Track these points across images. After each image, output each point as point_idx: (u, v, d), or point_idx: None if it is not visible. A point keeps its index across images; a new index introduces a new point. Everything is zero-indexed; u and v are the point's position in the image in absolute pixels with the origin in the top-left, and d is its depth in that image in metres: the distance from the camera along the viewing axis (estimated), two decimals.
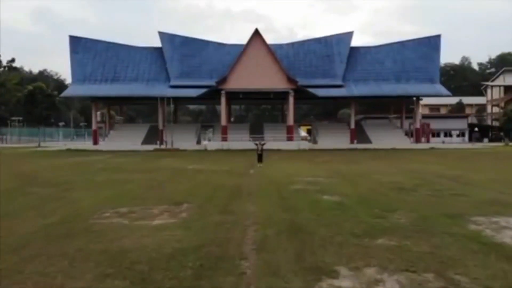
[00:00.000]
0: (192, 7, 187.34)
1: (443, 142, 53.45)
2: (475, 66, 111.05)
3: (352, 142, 44.26)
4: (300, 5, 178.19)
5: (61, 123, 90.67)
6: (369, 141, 45.01)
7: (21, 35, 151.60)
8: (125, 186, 12.85)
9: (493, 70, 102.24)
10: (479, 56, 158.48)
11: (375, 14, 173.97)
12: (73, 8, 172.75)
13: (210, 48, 47.48)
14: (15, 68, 75.41)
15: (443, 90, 45.43)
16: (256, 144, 21.42)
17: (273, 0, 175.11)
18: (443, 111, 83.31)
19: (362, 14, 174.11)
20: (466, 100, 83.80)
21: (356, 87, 44.65)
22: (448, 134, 63.20)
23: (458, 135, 63.29)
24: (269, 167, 19.79)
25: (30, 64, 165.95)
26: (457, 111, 79.24)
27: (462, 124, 65.52)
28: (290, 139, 42.89)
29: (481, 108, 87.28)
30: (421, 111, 61.76)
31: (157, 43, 47.56)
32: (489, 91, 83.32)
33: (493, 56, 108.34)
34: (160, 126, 45.27)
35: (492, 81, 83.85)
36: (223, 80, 42.08)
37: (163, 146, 41.98)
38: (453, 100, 78.43)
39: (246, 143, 32.94)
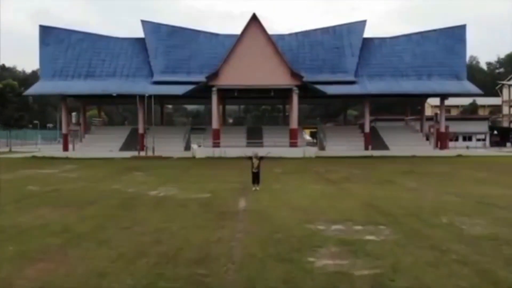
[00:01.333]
0: (192, 9, 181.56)
1: (467, 148, 46.93)
2: (484, 66, 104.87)
3: (367, 148, 37.69)
4: (300, 6, 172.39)
5: (49, 125, 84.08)
6: (386, 147, 38.43)
7: (21, 37, 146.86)
8: None
9: (502, 70, 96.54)
10: (487, 55, 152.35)
11: (376, 15, 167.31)
12: (73, 10, 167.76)
13: (201, 39, 40.80)
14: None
15: (471, 87, 38.85)
16: (251, 158, 14.71)
17: (272, 2, 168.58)
18: (453, 112, 76.75)
19: (363, 15, 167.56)
20: (479, 100, 77.35)
21: (371, 83, 37.94)
22: (467, 138, 56.77)
23: (479, 139, 56.87)
24: (269, 191, 13.76)
25: (32, 66, 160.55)
26: (470, 112, 72.94)
27: (482, 127, 59.07)
28: (293, 144, 36.31)
29: (494, 109, 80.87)
30: (431, 112, 55.38)
31: None
32: (505, 91, 77.13)
33: (502, 55, 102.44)
34: (141, 130, 38.49)
35: (509, 80, 77.54)
36: (215, 74, 35.32)
37: (143, 153, 35.44)
38: (465, 100, 72.18)
39: (243, 149, 25.71)
